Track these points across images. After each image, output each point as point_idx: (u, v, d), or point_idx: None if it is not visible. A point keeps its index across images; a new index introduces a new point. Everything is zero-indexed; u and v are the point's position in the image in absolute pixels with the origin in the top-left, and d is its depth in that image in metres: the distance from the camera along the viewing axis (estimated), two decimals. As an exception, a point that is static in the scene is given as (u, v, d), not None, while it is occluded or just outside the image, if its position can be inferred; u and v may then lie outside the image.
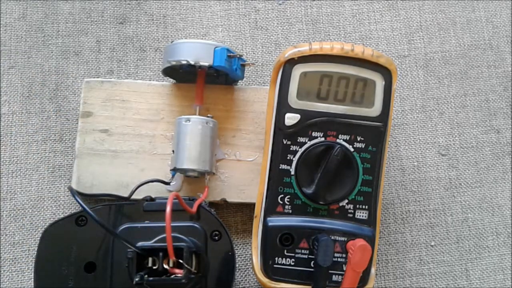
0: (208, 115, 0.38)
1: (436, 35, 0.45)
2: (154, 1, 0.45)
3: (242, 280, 0.39)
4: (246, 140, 0.39)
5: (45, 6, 0.44)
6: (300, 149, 0.33)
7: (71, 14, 0.44)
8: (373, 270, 0.33)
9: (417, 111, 0.43)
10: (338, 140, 0.33)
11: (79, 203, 0.32)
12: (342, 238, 0.32)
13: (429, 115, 0.43)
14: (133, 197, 0.36)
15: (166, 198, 0.30)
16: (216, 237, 0.35)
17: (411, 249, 0.40)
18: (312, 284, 0.32)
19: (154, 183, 0.37)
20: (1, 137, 0.41)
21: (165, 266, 0.31)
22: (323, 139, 0.33)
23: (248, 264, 0.39)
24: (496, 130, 0.43)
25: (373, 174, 0.33)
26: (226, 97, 0.40)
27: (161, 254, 0.31)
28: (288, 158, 0.33)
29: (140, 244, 0.32)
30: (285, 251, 0.33)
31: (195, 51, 0.36)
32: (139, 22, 0.44)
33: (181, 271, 0.31)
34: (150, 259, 0.32)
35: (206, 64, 0.36)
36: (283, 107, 0.33)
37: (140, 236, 0.33)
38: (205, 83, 0.39)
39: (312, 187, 0.33)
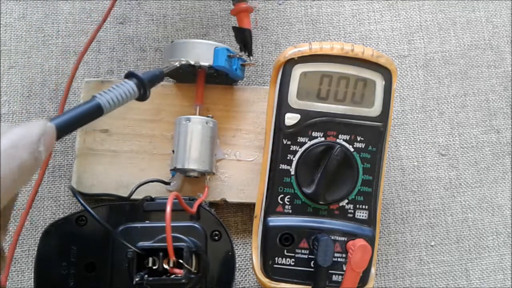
0: (208, 115, 0.38)
1: (436, 35, 0.45)
2: (154, 1, 0.45)
3: (242, 280, 0.39)
4: (246, 140, 0.39)
5: (45, 6, 0.44)
6: (300, 149, 0.33)
7: (71, 14, 0.44)
8: (373, 270, 0.33)
9: (417, 111, 0.43)
10: (338, 140, 0.33)
11: (80, 202, 0.33)
12: (342, 238, 0.32)
13: (429, 115, 0.43)
14: (133, 197, 0.36)
15: (166, 198, 0.30)
16: (216, 237, 0.35)
17: (411, 249, 0.40)
18: (312, 284, 0.32)
19: (154, 183, 0.37)
20: (1, 137, 0.41)
21: (165, 266, 0.31)
22: (323, 139, 0.33)
23: (248, 264, 0.39)
24: (496, 130, 0.43)
25: (373, 174, 0.33)
26: (226, 97, 0.40)
27: (161, 254, 0.31)
28: (288, 158, 0.33)
29: (140, 244, 0.32)
30: (285, 251, 0.33)
31: (195, 51, 0.36)
32: (139, 22, 0.44)
33: (181, 271, 0.31)
34: (150, 259, 0.32)
35: (206, 64, 0.36)
36: (283, 107, 0.33)
37: (140, 236, 0.33)
38: (205, 83, 0.39)
39: (312, 187, 0.33)
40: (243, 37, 0.37)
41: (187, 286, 0.32)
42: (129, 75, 0.26)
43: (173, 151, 0.37)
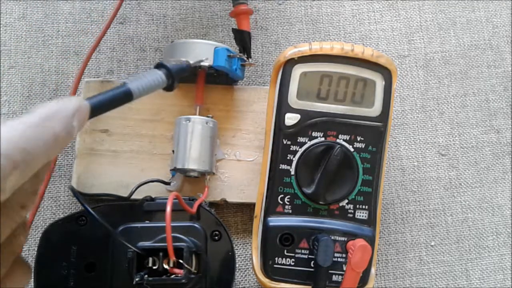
0: (208, 115, 0.38)
1: (436, 35, 0.45)
2: (154, 1, 0.45)
3: (242, 280, 0.39)
4: (246, 140, 0.39)
5: (45, 6, 0.44)
6: (300, 149, 0.33)
7: (71, 14, 0.44)
8: (373, 270, 0.33)
9: (417, 111, 0.43)
10: (338, 140, 0.33)
11: (80, 202, 0.32)
12: (342, 238, 0.32)
13: (429, 115, 0.43)
14: (133, 197, 0.36)
15: (166, 198, 0.30)
16: (216, 237, 0.35)
17: (411, 249, 0.40)
18: (312, 284, 0.32)
19: (154, 183, 0.37)
20: (1, 137, 0.41)
21: (165, 266, 0.31)
22: (323, 139, 0.33)
23: (248, 264, 0.39)
24: (496, 130, 0.43)
25: (373, 174, 0.33)
26: (226, 97, 0.40)
27: (161, 254, 0.32)
28: (288, 158, 0.33)
29: (140, 244, 0.32)
30: (285, 251, 0.33)
31: (195, 51, 0.36)
32: (139, 22, 0.44)
33: (181, 271, 0.31)
34: (150, 259, 0.32)
35: (206, 64, 0.36)
36: (283, 107, 0.33)
37: (140, 236, 0.33)
38: (205, 83, 0.39)
39: (312, 187, 0.33)
40: (242, 39, 0.37)
41: (187, 286, 0.32)
42: (159, 66, 0.27)
43: (173, 151, 0.37)
